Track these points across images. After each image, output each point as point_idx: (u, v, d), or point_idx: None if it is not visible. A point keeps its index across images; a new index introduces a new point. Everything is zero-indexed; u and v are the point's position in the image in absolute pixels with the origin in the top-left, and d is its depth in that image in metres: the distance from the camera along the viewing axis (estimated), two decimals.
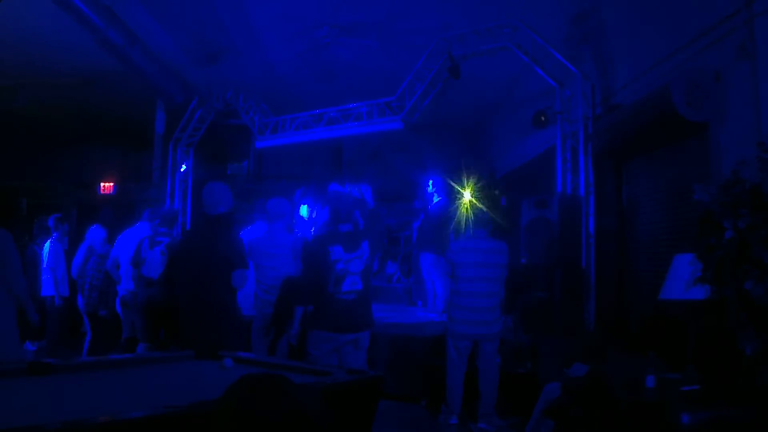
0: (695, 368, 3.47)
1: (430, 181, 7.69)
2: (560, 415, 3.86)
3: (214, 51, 8.10)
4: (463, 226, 5.52)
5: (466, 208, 6.26)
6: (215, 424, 1.14)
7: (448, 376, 5.09)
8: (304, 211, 7.28)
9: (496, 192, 8.39)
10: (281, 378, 1.18)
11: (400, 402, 5.52)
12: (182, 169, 9.92)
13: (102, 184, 11.77)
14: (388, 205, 10.10)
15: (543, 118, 6.53)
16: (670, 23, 4.96)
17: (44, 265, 7.16)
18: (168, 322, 5.10)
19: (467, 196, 6.77)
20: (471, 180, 6.96)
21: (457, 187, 6.95)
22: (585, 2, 6.45)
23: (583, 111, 6.08)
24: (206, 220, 4.15)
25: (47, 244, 7.27)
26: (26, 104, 9.69)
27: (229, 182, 11.74)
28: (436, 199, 7.52)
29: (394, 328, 6.35)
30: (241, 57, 8.29)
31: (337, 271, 3.90)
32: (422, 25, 7.14)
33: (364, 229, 4.18)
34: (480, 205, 6.05)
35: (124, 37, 6.85)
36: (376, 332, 4.75)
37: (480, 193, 6.87)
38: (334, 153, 11.63)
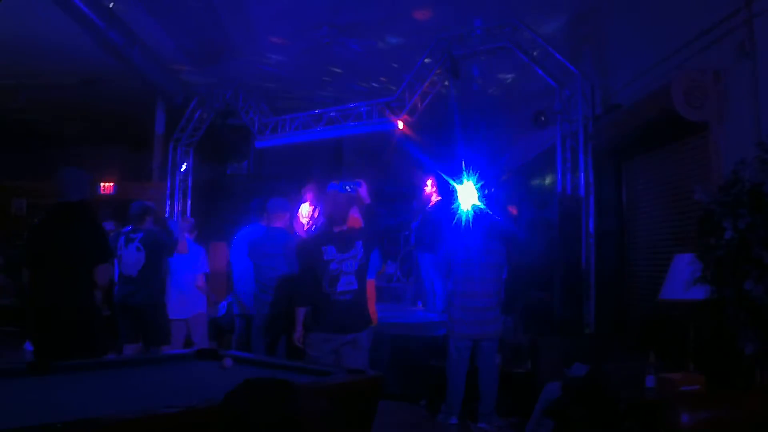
0: (695, 368, 3.47)
1: (429, 181, 7.68)
2: (560, 415, 3.86)
3: (214, 51, 8.10)
4: (461, 226, 5.52)
5: (465, 209, 6.26)
6: (217, 426, 1.14)
7: (448, 376, 5.10)
8: (305, 210, 7.27)
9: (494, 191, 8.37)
10: (285, 382, 1.18)
11: (400, 402, 5.52)
12: (182, 169, 9.92)
13: (102, 184, 11.77)
14: (387, 205, 10.09)
15: (543, 118, 6.53)
16: (670, 23, 4.96)
17: None
18: (146, 321, 5.04)
19: (466, 196, 6.76)
20: (469, 180, 6.96)
21: (455, 187, 6.94)
22: (585, 2, 6.45)
23: (583, 111, 6.08)
24: (58, 209, 3.76)
25: None
26: (26, 104, 9.68)
27: (229, 182, 11.75)
28: (434, 200, 7.52)
29: (394, 328, 6.35)
30: (241, 57, 8.28)
31: (331, 271, 3.89)
32: (422, 25, 7.14)
33: (358, 229, 4.16)
34: (478, 205, 6.06)
35: (124, 37, 6.85)
36: (376, 332, 4.75)
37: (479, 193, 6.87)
38: (334, 153, 11.63)
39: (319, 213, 6.91)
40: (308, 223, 6.89)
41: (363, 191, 4.45)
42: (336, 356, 3.94)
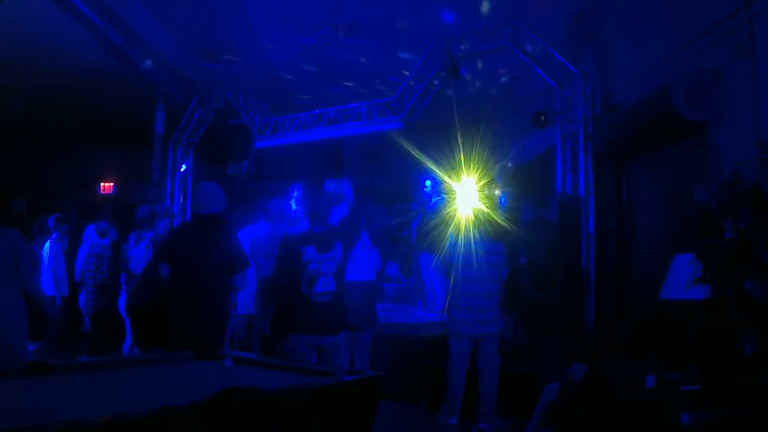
0: (695, 368, 3.47)
1: (429, 182, 7.70)
2: (560, 419, 3.86)
3: (214, 51, 8.10)
4: (461, 227, 5.52)
5: (465, 209, 6.26)
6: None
7: (449, 376, 5.10)
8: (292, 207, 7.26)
9: (497, 192, 8.39)
10: (257, 392, 1.15)
11: (400, 402, 5.52)
12: (182, 169, 9.92)
13: (102, 184, 11.75)
14: (387, 205, 10.10)
15: (543, 118, 6.53)
16: (670, 23, 4.96)
17: (44, 266, 7.16)
18: (154, 321, 5.04)
19: (465, 196, 6.76)
20: (469, 180, 6.95)
21: (455, 187, 6.95)
22: (585, 2, 6.44)
23: (583, 111, 6.07)
24: (199, 220, 4.08)
25: (47, 245, 7.26)
26: (26, 104, 9.67)
27: (229, 182, 11.76)
28: (434, 200, 7.52)
29: (394, 328, 6.35)
30: (241, 57, 8.28)
31: (310, 272, 3.87)
32: (422, 25, 7.14)
33: (338, 230, 4.11)
34: (478, 206, 6.05)
35: (124, 37, 6.85)
36: (375, 332, 4.75)
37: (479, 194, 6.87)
38: (334, 153, 11.62)
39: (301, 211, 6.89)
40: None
41: (349, 190, 4.45)
42: (317, 357, 3.92)
